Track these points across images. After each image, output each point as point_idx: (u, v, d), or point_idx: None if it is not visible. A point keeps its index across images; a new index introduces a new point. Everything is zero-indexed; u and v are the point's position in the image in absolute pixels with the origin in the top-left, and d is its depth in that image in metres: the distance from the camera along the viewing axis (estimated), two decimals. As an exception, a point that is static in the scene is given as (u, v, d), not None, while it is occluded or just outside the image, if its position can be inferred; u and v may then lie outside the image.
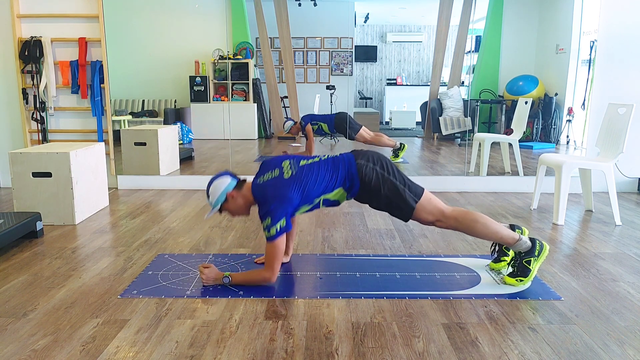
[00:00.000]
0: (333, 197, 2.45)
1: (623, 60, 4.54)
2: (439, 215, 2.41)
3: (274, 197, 2.34)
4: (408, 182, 2.45)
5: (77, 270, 2.71)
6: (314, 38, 5.67)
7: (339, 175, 2.42)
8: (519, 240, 2.43)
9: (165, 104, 5.42)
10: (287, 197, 2.34)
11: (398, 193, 2.39)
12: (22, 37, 4.63)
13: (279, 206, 2.32)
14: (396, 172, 2.45)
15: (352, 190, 2.44)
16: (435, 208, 2.42)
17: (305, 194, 2.38)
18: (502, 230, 2.43)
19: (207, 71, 5.40)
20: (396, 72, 6.29)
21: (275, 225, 2.31)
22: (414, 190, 2.43)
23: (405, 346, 1.92)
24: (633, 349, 1.90)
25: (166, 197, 4.46)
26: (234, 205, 2.45)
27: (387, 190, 2.40)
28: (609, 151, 3.66)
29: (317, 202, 2.44)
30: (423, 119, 5.95)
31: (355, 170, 2.41)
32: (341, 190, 2.44)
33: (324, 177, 2.41)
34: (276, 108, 5.76)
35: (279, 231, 2.32)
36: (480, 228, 2.39)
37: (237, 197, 2.44)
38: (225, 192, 2.43)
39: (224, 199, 2.43)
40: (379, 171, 2.41)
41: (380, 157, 2.48)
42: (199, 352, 1.88)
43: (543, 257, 2.45)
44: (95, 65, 4.67)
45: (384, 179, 2.40)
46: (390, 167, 2.45)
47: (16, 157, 3.51)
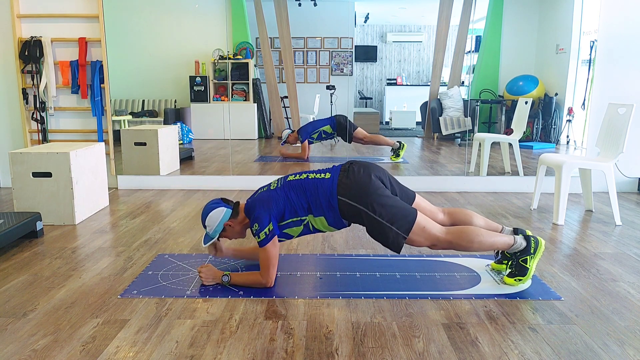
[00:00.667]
0: (317, 224, 2.44)
1: (623, 60, 4.54)
2: (434, 240, 2.34)
3: (260, 204, 2.40)
4: (396, 215, 2.30)
5: (77, 270, 2.71)
6: (314, 38, 5.67)
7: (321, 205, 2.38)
8: (514, 244, 2.42)
9: (165, 104, 5.42)
10: (270, 202, 2.39)
11: (383, 232, 2.31)
12: (22, 37, 4.63)
13: (263, 211, 2.36)
14: (382, 207, 2.30)
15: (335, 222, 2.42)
16: (428, 235, 2.32)
17: (291, 205, 2.39)
18: (498, 240, 2.40)
19: (207, 71, 5.40)
20: (396, 72, 6.29)
21: (263, 229, 2.35)
22: (403, 223, 2.30)
23: (405, 346, 1.92)
24: (633, 349, 1.90)
25: (166, 197, 4.46)
26: (232, 232, 2.53)
27: (370, 228, 2.36)
28: (609, 151, 3.66)
29: (305, 222, 2.43)
30: (423, 119, 5.95)
31: (336, 204, 2.36)
32: (323, 220, 2.42)
33: (306, 197, 2.40)
34: (276, 108, 5.76)
35: (268, 235, 2.35)
36: (477, 247, 2.36)
37: (234, 225, 2.50)
38: (222, 223, 2.48)
39: (222, 229, 2.49)
40: (362, 209, 2.32)
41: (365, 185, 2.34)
42: (199, 352, 1.88)
43: (540, 252, 2.44)
44: (95, 65, 4.67)
45: (368, 218, 2.32)
46: (376, 199, 2.31)
47: (16, 157, 3.51)
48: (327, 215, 2.40)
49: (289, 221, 2.43)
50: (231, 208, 2.51)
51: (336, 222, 2.43)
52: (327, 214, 2.39)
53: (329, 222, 2.42)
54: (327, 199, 2.37)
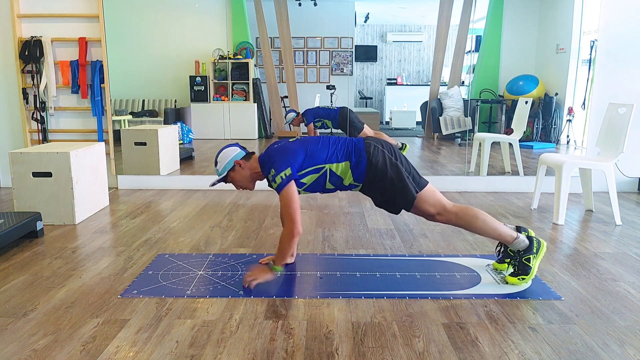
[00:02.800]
0: (338, 170, 2.41)
1: (623, 60, 4.53)
2: (440, 209, 2.43)
3: (277, 153, 2.39)
4: (413, 172, 2.46)
5: (77, 270, 2.71)
6: (314, 38, 5.67)
7: (346, 147, 2.43)
8: (517, 238, 2.44)
9: (165, 103, 5.42)
10: (289, 150, 2.38)
11: (402, 178, 2.39)
12: (22, 37, 4.63)
13: (281, 158, 2.35)
14: (404, 160, 2.46)
15: (358, 168, 2.40)
16: (437, 201, 2.44)
17: (309, 153, 2.39)
18: (501, 227, 2.44)
19: (207, 71, 5.40)
20: (396, 72, 6.29)
21: (279, 173, 2.31)
22: (418, 180, 2.46)
23: (406, 346, 1.92)
24: (633, 349, 1.90)
25: (166, 196, 4.47)
26: (240, 174, 2.48)
27: (392, 173, 2.39)
28: (609, 151, 3.66)
29: (323, 170, 2.41)
30: (423, 119, 5.95)
31: (363, 146, 2.42)
32: (347, 165, 2.41)
33: (329, 143, 2.44)
34: (276, 108, 5.76)
35: (285, 179, 2.31)
36: (480, 224, 2.41)
37: (244, 166, 2.48)
38: (233, 160, 2.46)
39: (231, 166, 2.47)
40: (386, 154, 2.42)
41: (390, 144, 2.48)
42: (199, 352, 1.88)
43: (542, 254, 2.46)
44: (96, 65, 4.67)
45: (391, 163, 2.40)
46: (398, 154, 2.46)
47: (16, 157, 3.51)
48: (352, 160, 2.39)
49: (307, 170, 2.40)
50: (246, 152, 2.53)
51: (357, 169, 2.40)
52: (352, 159, 2.39)
53: (352, 166, 2.40)
54: (354, 143, 2.43)
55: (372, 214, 3.82)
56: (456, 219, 2.43)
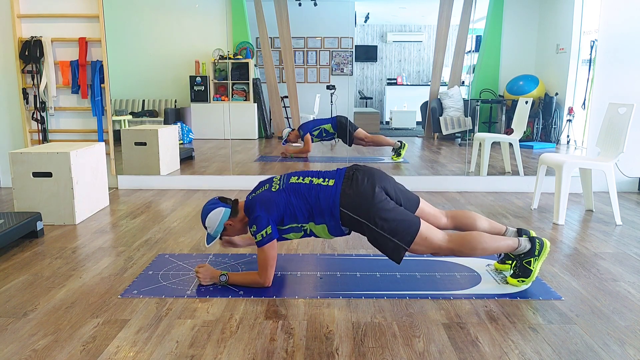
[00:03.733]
0: (316, 230, 2.44)
1: (623, 59, 4.53)
2: (436, 249, 2.34)
3: (260, 206, 2.38)
4: (399, 228, 2.27)
5: (77, 270, 2.71)
6: (314, 38, 5.67)
7: (323, 214, 2.36)
8: (518, 247, 2.41)
9: (165, 103, 5.42)
10: (271, 205, 2.37)
11: (385, 244, 2.31)
12: (22, 37, 4.63)
13: (263, 214, 2.35)
14: (385, 221, 2.27)
15: (336, 231, 2.42)
16: (430, 246, 2.31)
17: (291, 211, 2.38)
18: (501, 243, 2.38)
19: (207, 71, 5.40)
20: (396, 72, 6.29)
21: (260, 231, 2.34)
22: (404, 235, 2.28)
23: (406, 346, 1.92)
24: (633, 349, 1.90)
25: (166, 197, 4.46)
26: (233, 230, 2.54)
27: (372, 239, 2.35)
28: (610, 151, 3.66)
29: (304, 229, 2.44)
30: (423, 119, 5.94)
31: (338, 215, 2.34)
32: (324, 227, 2.41)
33: (308, 203, 2.38)
34: (276, 108, 5.76)
35: (265, 238, 2.35)
36: (480, 252, 2.35)
37: (234, 223, 2.50)
38: (222, 223, 2.48)
39: (222, 229, 2.50)
40: (363, 222, 2.30)
41: (368, 198, 2.30)
42: (200, 352, 1.88)
43: (544, 254, 2.43)
44: (96, 65, 4.67)
45: (369, 230, 2.31)
46: (379, 213, 2.27)
47: (16, 157, 3.51)
48: (329, 223, 2.38)
49: (288, 227, 2.43)
50: (230, 207, 2.49)
51: (337, 231, 2.43)
52: (328, 222, 2.38)
53: (330, 230, 2.42)
54: (330, 208, 2.34)
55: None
56: (453, 253, 2.35)
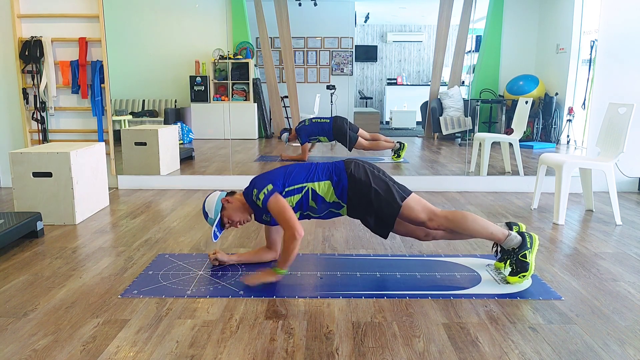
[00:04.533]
0: (319, 189, 2.46)
1: (623, 59, 4.53)
2: (430, 214, 2.44)
3: (257, 178, 2.50)
4: (397, 184, 2.52)
5: (77, 270, 2.71)
6: (314, 38, 5.67)
7: (326, 167, 2.51)
8: (508, 235, 2.47)
9: (165, 103, 5.42)
10: (268, 173, 2.50)
11: (387, 187, 2.45)
12: (22, 37, 4.63)
13: (261, 179, 2.46)
14: (384, 173, 2.54)
15: (339, 186, 2.45)
16: (425, 207, 2.47)
17: (289, 174, 2.48)
18: (492, 226, 2.48)
19: (207, 71, 5.40)
20: (396, 72, 6.29)
21: (261, 190, 2.39)
22: (403, 189, 2.51)
23: (406, 346, 1.92)
24: (633, 349, 1.90)
25: (166, 196, 4.47)
26: (232, 209, 2.54)
27: (376, 184, 2.44)
28: (610, 151, 3.66)
29: (305, 189, 2.46)
30: (423, 119, 5.95)
31: (343, 166, 2.50)
32: (329, 184, 2.46)
33: (308, 167, 2.53)
34: (276, 108, 5.76)
35: (268, 193, 2.38)
36: (470, 224, 2.43)
37: (232, 200, 2.55)
38: (219, 199, 2.53)
39: (220, 206, 2.52)
40: (367, 167, 2.50)
41: (368, 162, 2.58)
42: (200, 352, 1.88)
43: (535, 247, 2.48)
44: (96, 65, 4.67)
45: (373, 174, 2.48)
46: (378, 168, 2.54)
47: (17, 157, 3.51)
48: (334, 179, 2.45)
49: (289, 189, 2.45)
50: (226, 192, 2.61)
51: (341, 192, 2.45)
52: (333, 179, 2.45)
53: (334, 186, 2.45)
54: (335, 166, 2.50)
55: (372, 214, 3.81)
56: (447, 222, 2.44)
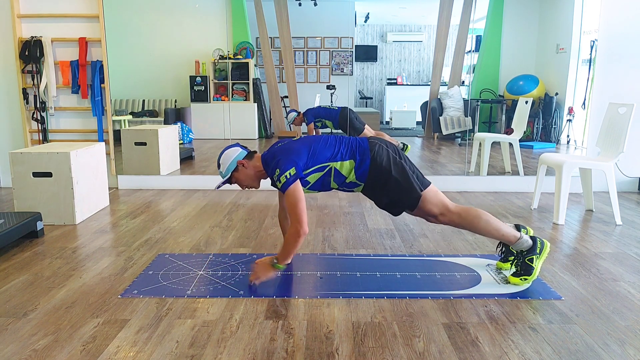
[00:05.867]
0: (342, 169, 2.42)
1: (623, 59, 4.53)
2: (443, 209, 2.42)
3: (281, 152, 2.38)
4: (417, 171, 2.46)
5: (77, 270, 2.71)
6: (314, 38, 5.67)
7: (350, 146, 2.44)
8: (520, 238, 2.43)
9: (165, 103, 5.42)
10: (293, 150, 2.38)
11: (407, 177, 2.39)
12: (22, 37, 4.63)
13: (285, 157, 2.34)
14: (407, 160, 2.47)
15: (361, 167, 2.40)
16: (440, 201, 2.43)
17: (313, 152, 2.40)
18: (504, 227, 2.44)
19: (207, 71, 5.40)
20: (396, 72, 6.29)
21: (284, 173, 2.29)
22: (422, 179, 2.45)
23: (406, 346, 1.92)
24: (633, 349, 1.90)
25: (166, 196, 4.46)
26: (244, 174, 2.49)
27: (396, 171, 2.39)
28: (610, 151, 3.66)
29: (328, 169, 2.41)
30: (423, 119, 5.95)
31: (367, 145, 2.43)
32: (352, 164, 2.40)
33: (333, 142, 2.45)
34: (276, 108, 5.76)
35: (290, 178, 2.29)
36: (483, 225, 2.41)
37: (247, 165, 2.48)
38: (236, 160, 2.47)
39: (234, 167, 2.47)
40: (390, 153, 2.43)
41: (394, 145, 2.51)
42: (200, 351, 1.88)
43: (545, 254, 2.46)
44: (96, 65, 4.67)
45: (395, 161, 2.41)
46: (402, 154, 2.48)
47: (17, 157, 3.51)
48: (357, 159, 2.40)
49: (311, 169, 2.40)
50: (248, 151, 2.54)
51: (362, 173, 2.41)
52: (357, 158, 2.40)
53: (356, 167, 2.40)
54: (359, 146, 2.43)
55: (372, 214, 3.81)
56: (459, 220, 2.43)
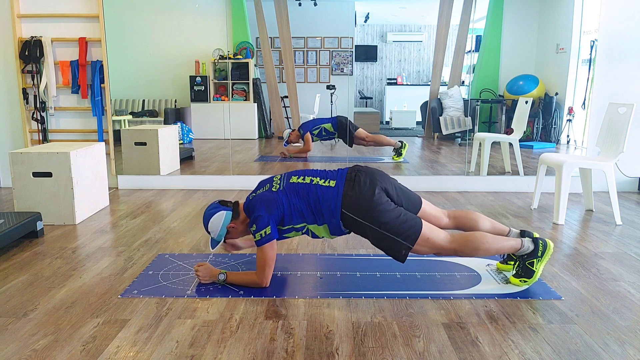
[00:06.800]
0: (317, 231, 2.44)
1: (623, 59, 4.53)
2: (439, 249, 2.34)
3: (260, 206, 2.37)
4: (401, 228, 2.27)
5: (77, 270, 2.71)
6: (314, 38, 5.67)
7: (323, 215, 2.36)
8: (521, 247, 2.40)
9: (165, 103, 5.42)
10: (271, 206, 2.36)
11: (388, 244, 2.31)
12: (22, 37, 4.63)
13: (263, 213, 2.35)
14: (387, 223, 2.27)
15: (337, 230, 2.41)
16: (432, 246, 2.32)
17: (291, 212, 2.37)
18: (504, 247, 2.37)
19: (207, 71, 5.40)
20: (396, 72, 6.29)
21: (259, 231, 2.34)
22: (408, 235, 2.28)
23: (406, 346, 1.92)
24: (633, 349, 1.90)
25: (166, 197, 4.47)
26: (236, 233, 2.54)
27: (374, 240, 2.34)
28: (610, 151, 3.66)
29: (305, 229, 2.45)
30: (423, 119, 5.94)
31: (339, 216, 2.33)
32: (326, 228, 2.41)
33: (309, 204, 2.37)
34: (276, 108, 5.76)
35: (264, 237, 2.34)
36: (483, 253, 2.35)
37: (236, 225, 2.50)
38: (225, 227, 2.47)
39: (225, 232, 2.49)
40: (366, 225, 2.30)
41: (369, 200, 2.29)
42: (200, 351, 1.88)
43: (548, 255, 2.41)
44: (96, 65, 4.67)
45: (372, 231, 2.30)
46: (381, 215, 2.27)
47: (17, 157, 3.51)
48: (330, 223, 2.38)
49: (289, 227, 2.43)
50: (231, 210, 2.49)
51: (337, 231, 2.42)
52: (330, 222, 2.37)
53: (331, 229, 2.41)
54: (331, 210, 2.33)
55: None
56: (455, 253, 2.35)
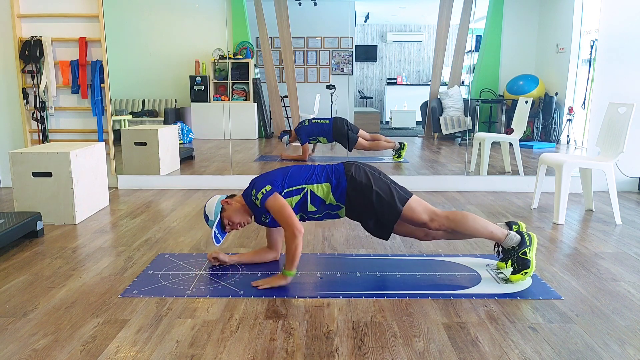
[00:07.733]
0: (319, 191, 2.48)
1: (623, 59, 4.53)
2: (432, 214, 2.46)
3: (256, 179, 2.51)
4: (397, 185, 2.53)
5: (77, 270, 2.71)
6: (314, 37, 5.67)
7: (325, 171, 2.53)
8: (508, 234, 2.49)
9: (165, 103, 5.42)
10: (268, 173, 2.51)
11: (388, 189, 2.46)
12: (22, 36, 4.63)
13: (260, 180, 2.47)
14: (384, 175, 2.55)
15: (338, 189, 2.46)
16: (426, 208, 2.49)
17: (289, 175, 2.50)
18: (491, 225, 2.50)
19: (207, 71, 5.40)
20: (396, 72, 6.29)
21: (260, 190, 2.40)
22: (404, 190, 2.52)
23: (406, 346, 1.92)
24: (633, 349, 1.90)
25: (166, 196, 4.47)
26: (232, 210, 2.53)
27: (377, 186, 2.45)
28: (610, 151, 3.66)
29: (304, 191, 2.48)
30: (423, 119, 5.94)
31: (342, 169, 2.52)
32: (328, 187, 2.47)
33: (307, 169, 2.55)
34: (276, 108, 5.76)
35: (265, 194, 2.39)
36: (471, 223, 2.45)
37: (231, 202, 2.55)
38: (219, 202, 2.53)
39: (220, 208, 2.52)
40: (368, 170, 2.51)
41: (368, 164, 2.59)
42: (200, 351, 1.88)
43: (534, 245, 2.51)
44: (96, 65, 4.67)
45: (374, 176, 2.49)
46: (379, 171, 2.56)
47: (16, 156, 3.51)
48: (333, 182, 2.47)
49: (288, 190, 2.47)
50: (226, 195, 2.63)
51: (340, 195, 2.47)
52: (332, 181, 2.47)
53: (333, 190, 2.46)
54: (334, 167, 2.53)
55: (372, 214, 3.81)
56: (448, 222, 2.46)
